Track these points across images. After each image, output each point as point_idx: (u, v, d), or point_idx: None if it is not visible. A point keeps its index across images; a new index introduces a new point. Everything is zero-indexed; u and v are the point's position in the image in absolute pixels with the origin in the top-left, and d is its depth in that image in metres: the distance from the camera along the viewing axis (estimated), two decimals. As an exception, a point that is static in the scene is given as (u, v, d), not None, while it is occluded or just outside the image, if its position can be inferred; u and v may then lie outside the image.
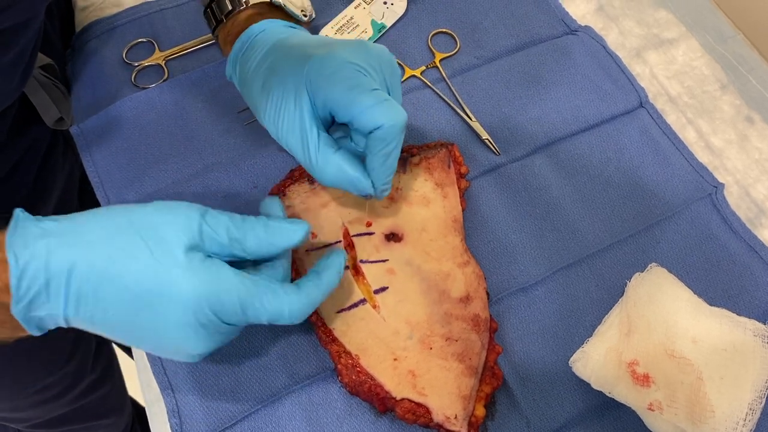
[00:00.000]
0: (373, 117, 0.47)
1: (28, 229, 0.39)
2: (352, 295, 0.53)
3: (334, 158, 0.49)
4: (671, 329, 0.53)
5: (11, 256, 0.38)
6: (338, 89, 0.47)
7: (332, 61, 0.48)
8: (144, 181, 0.62)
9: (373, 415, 0.52)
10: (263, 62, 0.51)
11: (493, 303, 0.56)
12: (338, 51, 0.49)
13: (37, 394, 0.80)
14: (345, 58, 0.48)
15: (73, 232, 0.40)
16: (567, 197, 0.62)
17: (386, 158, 0.49)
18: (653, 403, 0.50)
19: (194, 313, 0.40)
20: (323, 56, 0.48)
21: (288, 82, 0.49)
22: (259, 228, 0.44)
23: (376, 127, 0.47)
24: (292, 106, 0.49)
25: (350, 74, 0.47)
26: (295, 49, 0.51)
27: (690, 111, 0.69)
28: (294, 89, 0.48)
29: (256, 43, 0.53)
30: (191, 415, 0.52)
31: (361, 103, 0.47)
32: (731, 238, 0.61)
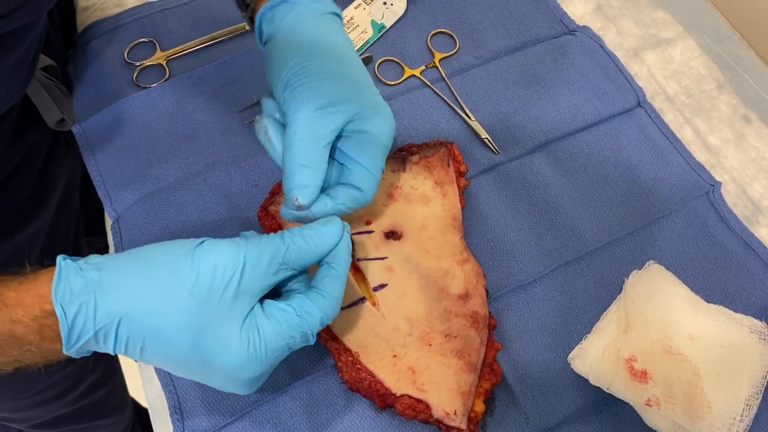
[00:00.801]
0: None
1: (71, 280, 0.40)
2: (352, 294, 0.53)
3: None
4: (669, 326, 0.53)
5: (59, 309, 0.39)
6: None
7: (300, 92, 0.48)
8: (145, 180, 0.62)
9: (374, 411, 0.52)
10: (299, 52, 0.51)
11: (492, 300, 0.56)
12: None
13: (39, 394, 0.80)
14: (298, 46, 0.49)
15: (117, 284, 0.40)
16: (565, 196, 0.62)
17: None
18: (651, 398, 0.50)
19: (239, 371, 0.42)
20: (294, 82, 0.49)
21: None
22: (299, 240, 0.43)
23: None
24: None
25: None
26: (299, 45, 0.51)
27: (687, 110, 0.70)
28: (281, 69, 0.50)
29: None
30: (193, 411, 0.52)
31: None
32: (728, 236, 0.61)
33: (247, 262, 0.41)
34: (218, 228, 0.59)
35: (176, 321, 0.40)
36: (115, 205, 0.61)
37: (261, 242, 0.43)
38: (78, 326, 0.39)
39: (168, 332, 0.40)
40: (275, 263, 0.42)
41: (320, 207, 0.48)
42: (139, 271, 0.41)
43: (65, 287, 0.40)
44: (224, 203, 0.60)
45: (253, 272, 0.41)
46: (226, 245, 0.42)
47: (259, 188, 0.61)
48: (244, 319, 0.41)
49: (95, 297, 0.40)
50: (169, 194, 0.61)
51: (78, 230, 0.81)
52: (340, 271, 0.45)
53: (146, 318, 0.40)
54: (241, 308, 0.41)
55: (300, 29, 0.51)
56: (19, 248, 0.68)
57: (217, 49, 0.70)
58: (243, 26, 0.71)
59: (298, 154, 0.47)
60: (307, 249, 0.43)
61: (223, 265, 0.41)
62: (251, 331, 0.41)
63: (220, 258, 0.41)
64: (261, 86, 0.67)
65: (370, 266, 0.54)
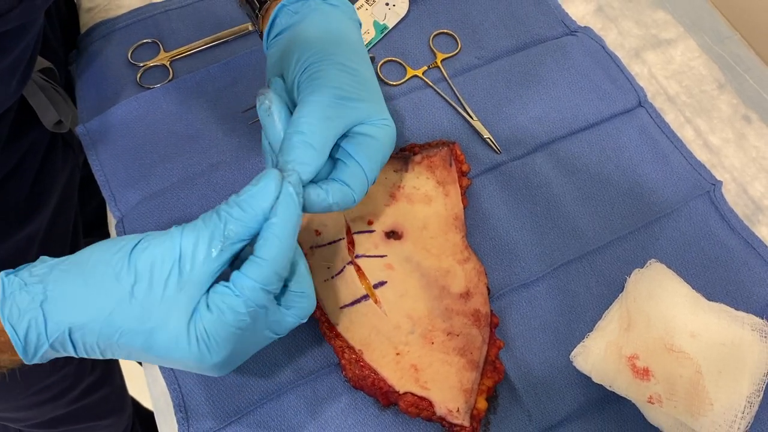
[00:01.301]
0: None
1: (16, 297, 0.40)
2: (355, 291, 0.54)
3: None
4: (670, 324, 0.53)
5: (9, 328, 0.40)
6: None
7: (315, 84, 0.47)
8: (149, 180, 0.62)
9: (377, 409, 0.52)
10: (285, 33, 0.52)
11: (494, 299, 0.57)
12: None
13: (37, 394, 0.80)
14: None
15: (61, 297, 0.40)
16: (567, 195, 0.63)
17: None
18: (653, 396, 0.51)
19: (197, 363, 0.41)
20: (310, 78, 0.48)
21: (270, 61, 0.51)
22: (236, 211, 0.41)
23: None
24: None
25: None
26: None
27: (688, 110, 0.70)
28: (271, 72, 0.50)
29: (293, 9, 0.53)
30: (197, 409, 0.52)
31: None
32: (729, 235, 0.62)
33: (183, 253, 0.40)
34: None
35: (123, 325, 0.40)
36: (120, 205, 0.62)
37: (197, 226, 0.41)
38: (32, 341, 0.40)
39: (118, 337, 0.40)
40: (216, 243, 0.40)
41: (312, 194, 0.45)
42: (81, 279, 0.40)
43: (11, 305, 0.39)
44: (228, 203, 0.61)
45: (193, 261, 0.40)
46: (160, 240, 0.40)
47: (263, 188, 0.61)
48: (192, 313, 0.40)
49: (42, 311, 0.39)
50: (172, 194, 0.61)
51: (76, 232, 0.81)
52: (277, 229, 0.41)
53: (95, 326, 0.40)
54: (187, 302, 0.40)
55: (326, 24, 0.51)
56: (16, 250, 0.68)
57: (220, 49, 0.71)
58: (246, 27, 0.71)
59: (309, 133, 0.45)
60: (245, 216, 0.40)
61: (160, 261, 0.40)
62: (198, 326, 0.40)
63: (156, 254, 0.40)
64: (264, 86, 0.67)
65: (368, 264, 0.55)
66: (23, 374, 0.75)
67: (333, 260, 0.55)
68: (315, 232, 0.56)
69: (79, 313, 0.40)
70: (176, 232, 0.40)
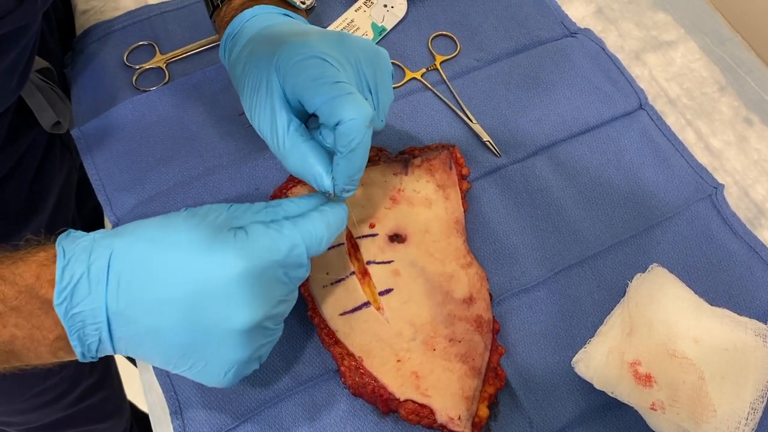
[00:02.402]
0: (333, 110, 0.44)
1: (78, 234, 0.41)
2: (356, 298, 0.53)
3: (302, 147, 0.47)
4: (673, 329, 0.53)
5: (60, 250, 0.39)
6: (303, 78, 0.45)
7: (302, 48, 0.46)
8: (145, 184, 0.62)
9: (376, 416, 0.52)
10: (246, 47, 0.50)
11: (495, 304, 0.56)
12: (311, 40, 0.47)
13: (35, 397, 0.80)
14: (316, 47, 0.46)
15: (117, 229, 0.41)
16: (568, 199, 0.62)
17: (350, 155, 0.46)
18: (655, 402, 0.50)
19: (233, 276, 0.40)
20: (294, 43, 0.47)
21: (261, 66, 0.48)
22: (287, 201, 0.46)
23: (338, 122, 0.45)
24: (264, 90, 0.47)
25: (316, 63, 0.46)
26: (275, 35, 0.50)
27: (689, 112, 0.70)
28: (266, 74, 0.47)
29: (245, 29, 0.52)
30: (194, 416, 0.52)
31: (322, 95, 0.45)
32: (731, 239, 0.61)
33: (234, 205, 0.44)
34: (219, 232, 0.59)
35: (168, 240, 0.40)
36: (115, 209, 0.61)
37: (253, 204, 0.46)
38: (72, 263, 0.39)
39: (160, 253, 0.40)
40: (261, 206, 0.45)
41: (336, 175, 0.47)
42: (138, 222, 0.42)
43: (72, 235, 0.41)
44: (225, 207, 0.60)
45: (239, 208, 0.44)
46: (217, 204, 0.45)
47: (260, 192, 0.61)
48: (231, 228, 0.42)
49: (94, 237, 0.40)
50: (169, 198, 0.61)
51: None
52: (329, 212, 0.46)
53: (138, 245, 0.40)
54: (232, 222, 0.43)
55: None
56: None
57: (216, 52, 0.70)
58: (243, 29, 0.71)
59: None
60: (297, 202, 0.47)
61: (213, 208, 0.43)
62: (238, 230, 0.42)
63: (212, 206, 0.44)
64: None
65: (377, 270, 0.54)
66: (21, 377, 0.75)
67: (332, 266, 0.54)
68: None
69: (129, 235, 0.41)
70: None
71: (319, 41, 0.47)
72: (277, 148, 0.48)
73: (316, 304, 0.53)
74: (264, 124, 0.48)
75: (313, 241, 0.44)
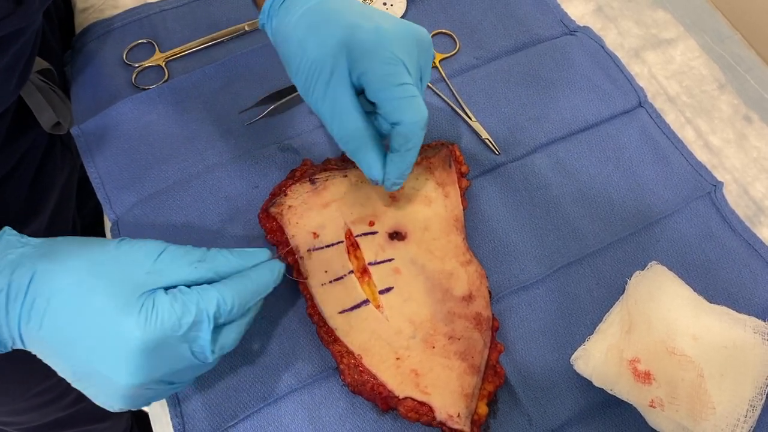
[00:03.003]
0: (396, 110, 0.48)
1: (9, 242, 0.43)
2: (355, 296, 0.53)
3: (362, 133, 0.49)
4: (672, 327, 0.53)
5: None
6: (374, 71, 0.48)
7: (377, 39, 0.48)
8: (145, 182, 0.62)
9: (376, 414, 0.52)
10: (303, 19, 0.50)
11: (494, 302, 0.56)
12: (384, 28, 0.49)
13: (34, 397, 0.80)
14: (389, 41, 0.48)
15: (47, 248, 0.43)
16: (567, 196, 0.62)
17: (405, 153, 0.49)
18: (654, 400, 0.50)
19: (130, 346, 0.42)
20: (368, 31, 0.48)
21: (327, 46, 0.48)
22: (225, 252, 0.46)
23: (398, 122, 0.48)
24: (329, 71, 0.48)
25: (388, 59, 0.48)
26: (339, 14, 0.50)
27: (688, 110, 0.70)
28: (333, 56, 0.48)
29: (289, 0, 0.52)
30: (193, 414, 0.52)
31: (388, 92, 0.48)
32: (730, 236, 0.61)
33: (166, 251, 0.44)
34: (218, 230, 0.59)
35: (88, 279, 0.42)
36: (115, 207, 0.61)
37: (186, 246, 0.45)
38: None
39: (76, 289, 0.42)
40: (193, 260, 0.45)
41: (389, 170, 0.50)
42: (71, 243, 0.44)
43: (2, 245, 0.43)
44: (224, 205, 0.60)
45: (169, 259, 0.44)
46: (151, 240, 0.45)
47: (260, 190, 0.61)
48: (146, 291, 0.42)
49: (23, 253, 0.42)
50: (168, 196, 0.61)
51: (74, 234, 0.81)
52: (251, 274, 0.46)
53: (60, 274, 0.42)
54: (148, 283, 0.43)
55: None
56: None
57: (216, 50, 0.70)
58: (243, 27, 0.71)
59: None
60: (231, 258, 0.46)
61: (143, 248, 0.44)
62: (147, 300, 0.42)
63: (144, 244, 0.44)
64: (260, 86, 0.67)
65: (377, 269, 0.54)
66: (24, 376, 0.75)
67: (331, 264, 0.54)
68: (313, 234, 0.55)
69: (52, 261, 0.42)
70: (164, 243, 0.45)
71: (391, 32, 0.49)
72: (338, 128, 0.50)
73: (315, 302, 0.53)
74: (325, 104, 0.49)
75: (222, 312, 0.44)
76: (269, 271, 0.47)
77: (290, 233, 0.55)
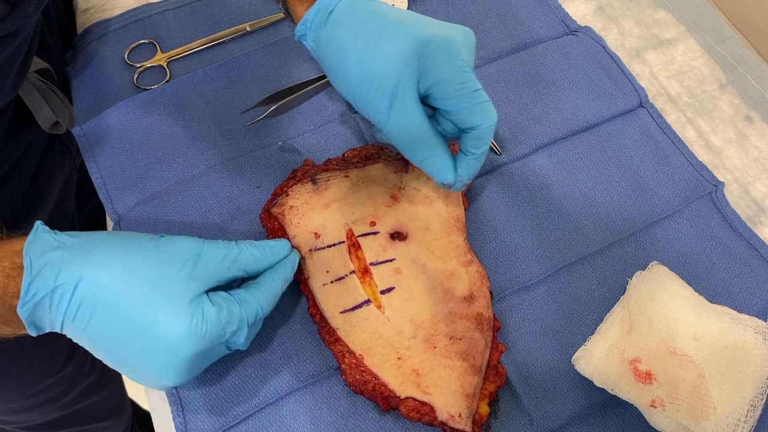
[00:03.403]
0: (472, 116, 0.50)
1: (45, 240, 0.43)
2: (356, 297, 0.53)
3: (433, 140, 0.51)
4: (672, 327, 0.53)
5: (27, 261, 0.42)
6: (449, 78, 0.49)
7: (448, 46, 0.50)
8: (146, 182, 0.62)
9: (377, 414, 0.52)
10: (360, 30, 0.51)
11: (495, 302, 0.56)
12: (453, 38, 0.50)
13: (34, 397, 0.80)
14: (459, 48, 0.50)
15: (86, 249, 0.44)
16: (568, 196, 0.62)
17: (480, 156, 0.52)
18: (655, 400, 0.50)
19: (180, 355, 0.44)
20: (439, 40, 0.50)
21: (395, 56, 0.49)
22: (251, 247, 0.49)
23: (473, 127, 0.50)
24: (393, 81, 0.49)
25: (461, 66, 0.50)
26: (399, 24, 0.51)
27: (690, 110, 0.70)
28: (401, 65, 0.49)
29: (343, 8, 0.52)
30: (195, 414, 0.52)
31: (464, 100, 0.50)
32: (731, 236, 0.61)
33: (203, 253, 0.46)
34: (220, 230, 0.59)
35: (133, 286, 0.43)
36: (117, 207, 0.61)
37: (219, 243, 0.47)
38: (40, 278, 0.42)
39: (123, 296, 0.43)
40: (227, 260, 0.47)
41: (463, 171, 0.52)
42: (108, 243, 0.44)
43: (39, 243, 0.43)
44: (226, 205, 0.60)
45: (207, 262, 0.46)
46: (187, 239, 0.46)
47: (262, 190, 0.61)
48: (192, 299, 0.44)
49: (63, 255, 0.43)
50: (170, 196, 0.61)
51: None
52: (280, 275, 0.50)
53: (106, 279, 0.43)
54: (192, 289, 0.45)
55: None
56: None
57: (218, 50, 0.70)
58: (244, 27, 0.71)
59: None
60: (257, 256, 0.49)
61: (182, 250, 0.45)
62: (196, 309, 0.44)
63: (181, 244, 0.46)
64: (262, 87, 0.67)
65: (379, 269, 0.54)
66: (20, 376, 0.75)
67: (332, 264, 0.54)
68: (314, 234, 0.56)
69: (97, 267, 0.43)
70: (200, 239, 0.47)
71: (457, 39, 0.50)
72: (406, 137, 0.51)
73: (317, 302, 0.53)
74: (392, 115, 0.50)
75: (258, 317, 0.48)
76: (291, 267, 0.51)
77: (291, 233, 0.56)
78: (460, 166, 0.52)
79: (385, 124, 0.51)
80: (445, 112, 0.51)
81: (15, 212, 0.68)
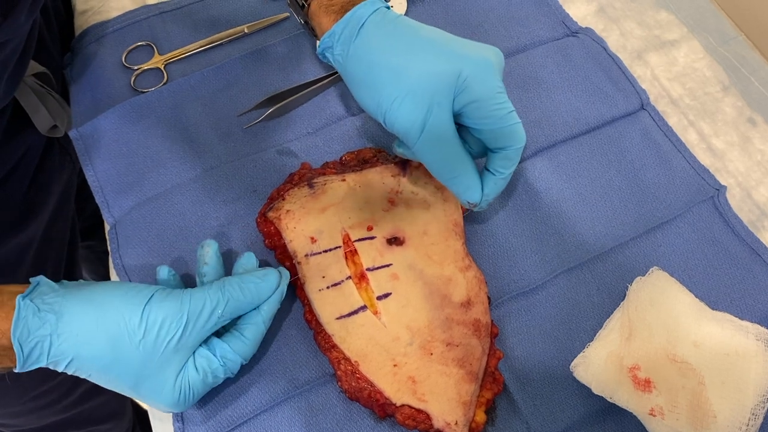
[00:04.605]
0: (504, 137, 0.50)
1: (29, 321, 0.44)
2: (353, 302, 0.53)
3: (463, 159, 0.51)
4: (673, 333, 0.52)
5: (17, 345, 0.44)
6: (486, 99, 0.49)
7: (486, 68, 0.50)
8: (143, 186, 0.62)
9: (373, 421, 0.51)
10: (395, 45, 0.51)
11: (493, 307, 0.56)
12: (489, 61, 0.50)
13: (33, 401, 0.80)
14: (495, 70, 0.50)
15: (70, 332, 0.45)
16: (568, 200, 0.62)
17: (507, 175, 0.52)
18: (655, 408, 0.50)
19: (170, 408, 0.49)
20: (477, 61, 0.50)
21: (432, 74, 0.49)
22: (237, 293, 0.49)
23: (504, 147, 0.51)
24: (428, 99, 0.49)
25: (497, 87, 0.50)
26: (434, 42, 0.51)
27: (692, 113, 0.69)
28: (438, 84, 0.49)
29: (375, 22, 0.52)
30: (192, 419, 0.51)
31: (497, 121, 0.50)
32: (733, 241, 0.61)
33: (189, 320, 0.47)
34: (217, 234, 0.59)
35: (121, 369, 0.46)
36: (113, 210, 0.61)
37: (204, 297, 0.48)
38: (32, 358, 0.44)
39: (112, 375, 0.46)
40: (214, 317, 0.48)
41: (490, 190, 0.53)
42: (93, 319, 0.45)
43: (23, 327, 0.44)
44: (222, 209, 0.60)
45: (193, 329, 0.47)
46: (172, 303, 0.47)
47: (258, 194, 0.60)
48: (179, 371, 0.47)
49: (50, 338, 0.44)
50: (166, 200, 0.60)
51: (73, 237, 0.81)
52: (265, 317, 0.50)
53: (95, 362, 0.46)
54: (179, 361, 0.47)
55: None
56: (11, 254, 0.68)
57: (215, 52, 0.70)
58: (242, 29, 0.70)
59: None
60: (243, 301, 0.49)
61: (168, 323, 0.46)
62: (183, 383, 0.47)
63: (167, 316, 0.46)
64: (259, 89, 0.66)
65: (376, 274, 0.54)
66: (19, 381, 0.75)
67: (328, 270, 0.54)
68: (310, 239, 0.55)
69: (85, 350, 0.45)
70: (185, 298, 0.47)
71: (494, 62, 0.51)
72: (438, 156, 0.51)
73: (313, 307, 0.53)
74: (424, 133, 0.50)
75: (245, 363, 0.50)
76: (277, 303, 0.51)
77: (288, 238, 0.55)
78: (486, 185, 0.52)
79: (416, 140, 0.50)
80: (476, 131, 0.51)
81: (14, 215, 0.68)
